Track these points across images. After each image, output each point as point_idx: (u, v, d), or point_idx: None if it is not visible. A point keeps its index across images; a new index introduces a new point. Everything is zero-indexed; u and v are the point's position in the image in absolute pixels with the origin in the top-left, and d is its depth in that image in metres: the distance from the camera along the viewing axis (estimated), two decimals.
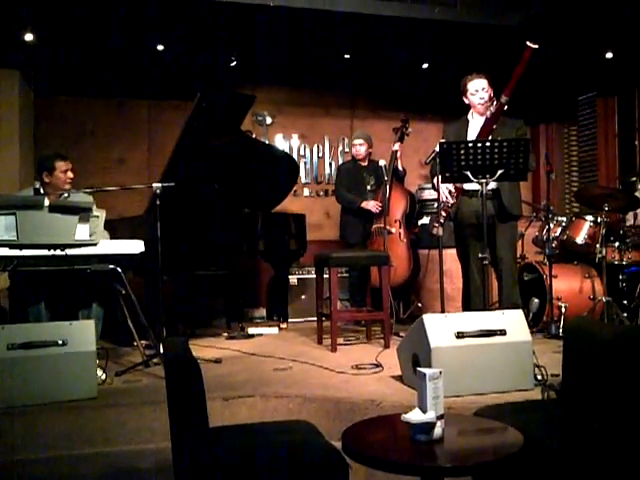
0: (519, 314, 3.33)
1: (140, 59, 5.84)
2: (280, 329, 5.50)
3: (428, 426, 1.88)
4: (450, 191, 4.11)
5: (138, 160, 6.38)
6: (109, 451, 2.89)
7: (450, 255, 4.68)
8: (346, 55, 6.04)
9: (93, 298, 3.85)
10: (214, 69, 6.09)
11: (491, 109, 4.06)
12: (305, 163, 6.89)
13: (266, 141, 6.55)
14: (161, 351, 3.70)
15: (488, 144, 3.52)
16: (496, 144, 3.51)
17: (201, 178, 4.92)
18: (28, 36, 5.13)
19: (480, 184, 3.57)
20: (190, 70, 6.02)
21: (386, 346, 4.39)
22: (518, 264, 4.97)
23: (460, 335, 3.13)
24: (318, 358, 4.10)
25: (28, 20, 4.97)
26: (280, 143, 6.80)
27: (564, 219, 5.19)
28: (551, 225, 5.06)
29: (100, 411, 3.01)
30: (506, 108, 3.99)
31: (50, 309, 3.77)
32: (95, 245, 3.45)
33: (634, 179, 5.48)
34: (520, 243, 5.21)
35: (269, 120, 6.80)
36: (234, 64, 5.99)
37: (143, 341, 4.00)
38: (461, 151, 3.51)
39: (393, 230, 5.53)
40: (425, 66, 6.29)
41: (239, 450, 2.07)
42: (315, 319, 4.86)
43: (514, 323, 3.25)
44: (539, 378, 3.23)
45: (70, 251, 3.36)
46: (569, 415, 2.37)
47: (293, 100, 6.85)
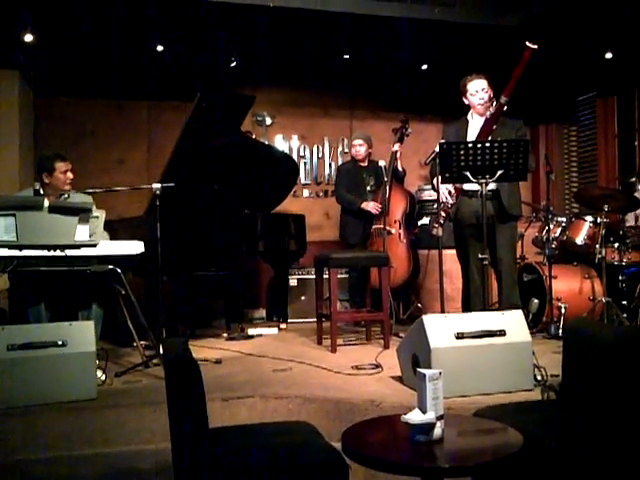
0: (519, 315, 3.33)
1: (140, 60, 5.84)
2: (280, 330, 5.50)
3: (428, 427, 1.88)
4: (450, 192, 4.11)
5: (138, 161, 6.39)
6: (109, 452, 2.89)
7: (450, 256, 4.68)
8: (345, 56, 6.04)
9: (93, 299, 3.85)
10: (214, 70, 6.09)
11: (491, 110, 4.06)
12: (305, 164, 6.89)
13: (266, 142, 6.55)
14: (161, 352, 3.70)
15: (488, 145, 3.52)
16: (496, 145, 3.51)
17: (201, 179, 4.91)
18: (28, 36, 5.13)
19: (480, 184, 3.57)
20: (190, 71, 6.02)
21: (386, 347, 4.38)
22: (518, 265, 4.97)
23: (460, 336, 3.13)
24: (318, 359, 4.10)
25: (28, 20, 4.97)
26: (280, 144, 6.80)
27: (564, 220, 5.19)
28: (551, 226, 5.06)
29: (100, 412, 3.01)
30: (506, 109, 3.99)
31: (50, 310, 3.77)
32: (95, 246, 3.44)
33: (634, 179, 5.47)
34: (520, 244, 5.21)
35: (269, 121, 6.80)
36: (234, 65, 5.99)
37: (143, 342, 4.00)
38: (461, 152, 3.51)
39: (393, 231, 5.53)
40: (425, 67, 6.30)
41: (239, 451, 2.07)
42: (315, 320, 4.86)
43: (514, 324, 3.25)
44: (539, 378, 3.24)
45: (70, 252, 3.36)
46: (569, 415, 2.37)
47: (293, 101, 6.85)
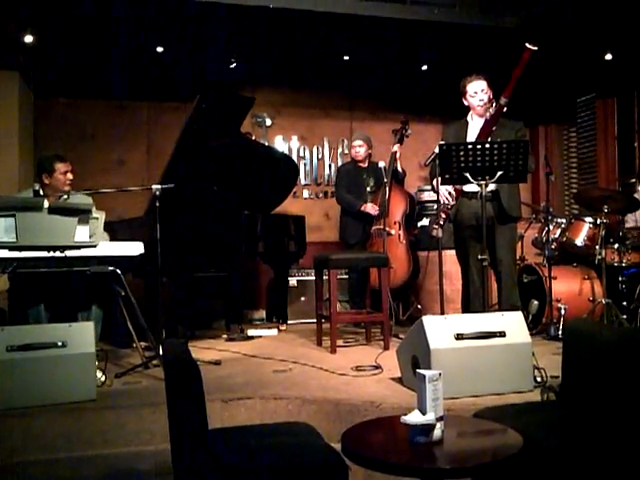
0: (518, 316, 3.33)
1: (140, 61, 5.84)
2: (279, 331, 5.50)
3: (427, 428, 1.88)
4: (450, 193, 4.11)
5: (138, 162, 6.39)
6: (108, 453, 2.89)
7: (450, 257, 4.68)
8: (345, 57, 6.05)
9: (92, 300, 3.86)
10: (214, 71, 6.09)
11: (490, 111, 4.06)
12: (305, 165, 6.90)
13: (266, 143, 6.55)
14: (160, 353, 3.69)
15: (487, 146, 3.52)
16: (495, 146, 3.51)
17: (200, 180, 4.92)
18: (28, 38, 5.14)
19: (479, 186, 3.57)
20: (190, 72, 6.03)
21: (385, 348, 4.38)
22: (517, 266, 4.97)
23: (459, 337, 3.13)
24: (317, 360, 4.10)
25: (28, 22, 4.98)
26: (280, 145, 6.81)
27: (563, 221, 5.18)
28: (550, 227, 5.06)
29: (99, 413, 3.01)
30: (505, 110, 4.00)
31: (49, 311, 3.77)
32: (95, 247, 3.44)
33: (633, 180, 5.48)
34: (519, 245, 5.21)
35: (269, 122, 6.81)
36: (234, 66, 5.99)
37: (142, 343, 4.00)
38: (460, 153, 3.51)
39: (392, 232, 5.53)
40: (424, 68, 6.31)
41: (238, 452, 2.07)
42: (314, 321, 4.86)
43: (513, 325, 3.25)
44: (538, 380, 3.23)
45: (69, 253, 3.36)
46: (568, 417, 2.37)
47: (293, 102, 6.85)
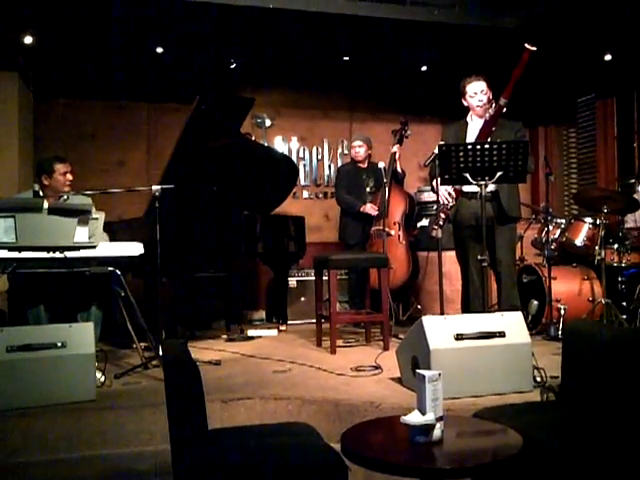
0: (518, 316, 3.33)
1: (140, 62, 5.84)
2: (279, 331, 5.50)
3: (427, 428, 1.88)
4: (449, 193, 4.11)
5: (137, 162, 6.39)
6: (108, 453, 2.89)
7: (449, 257, 4.68)
8: (345, 57, 6.05)
9: (92, 300, 3.85)
10: (214, 71, 6.10)
11: (490, 111, 4.07)
12: (304, 165, 6.90)
13: (265, 143, 6.55)
14: (160, 353, 3.69)
15: (487, 146, 3.52)
16: (495, 146, 3.51)
17: (200, 180, 4.92)
18: (27, 39, 5.14)
19: (479, 186, 3.57)
20: (189, 73, 6.03)
21: (385, 348, 4.38)
22: (517, 266, 4.97)
23: (459, 337, 3.13)
24: (317, 360, 4.10)
25: (28, 22, 4.98)
26: (279, 145, 6.81)
27: (563, 221, 5.19)
28: (550, 227, 5.06)
29: (99, 413, 3.01)
30: (505, 110, 4.00)
31: (49, 311, 3.77)
32: (94, 247, 3.44)
33: (633, 181, 5.48)
34: (519, 245, 5.22)
35: (268, 122, 6.81)
36: (234, 66, 6.00)
37: (142, 343, 4.00)
38: (460, 153, 3.51)
39: (392, 232, 5.52)
40: (424, 68, 6.31)
41: (238, 452, 2.07)
42: (314, 321, 4.86)
43: (513, 325, 3.25)
44: (538, 380, 3.24)
45: (69, 253, 3.36)
46: (568, 417, 2.37)
47: (292, 102, 6.86)
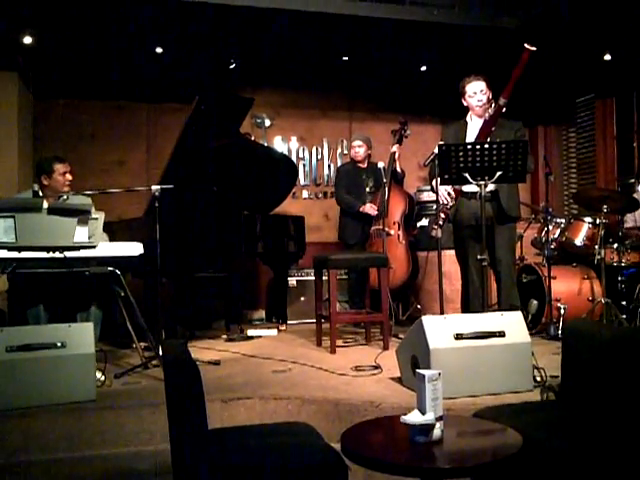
0: (518, 316, 3.33)
1: (139, 62, 5.84)
2: (279, 331, 5.50)
3: (427, 427, 1.88)
4: (449, 193, 4.12)
5: (137, 162, 6.39)
6: (108, 453, 2.89)
7: (449, 257, 4.68)
8: (345, 57, 6.05)
9: (92, 300, 3.85)
10: (213, 72, 6.10)
11: (489, 111, 4.07)
12: (304, 165, 6.90)
13: (265, 143, 6.55)
14: (160, 353, 3.69)
15: (487, 146, 3.52)
16: (494, 146, 3.51)
17: (200, 180, 4.92)
18: (27, 39, 5.14)
19: (479, 186, 3.57)
20: (189, 73, 6.03)
21: (385, 348, 4.38)
22: (517, 266, 4.98)
23: (459, 337, 3.13)
24: (317, 360, 4.10)
25: (27, 22, 4.98)
26: (279, 145, 6.81)
27: (563, 221, 5.19)
28: (550, 227, 5.06)
29: (99, 413, 3.01)
30: (504, 110, 4.00)
31: (49, 311, 3.77)
32: (94, 247, 3.44)
33: (632, 180, 5.48)
34: (519, 245, 5.22)
35: (268, 122, 6.81)
36: (233, 66, 6.00)
37: (142, 343, 4.00)
38: (460, 153, 3.51)
39: (392, 232, 5.53)
40: (423, 68, 6.31)
41: (238, 452, 2.07)
42: (314, 321, 4.86)
43: (513, 325, 3.25)
44: (538, 379, 3.23)
45: (69, 253, 3.36)
46: (568, 416, 2.37)
47: (292, 102, 6.86)
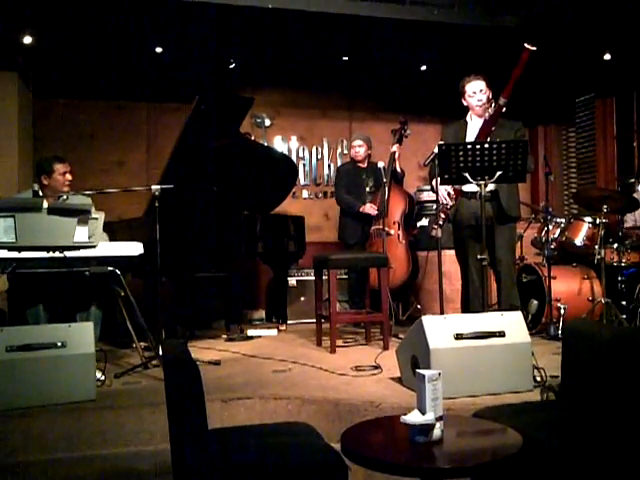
0: (518, 315, 3.33)
1: (139, 61, 5.84)
2: (279, 331, 5.50)
3: (427, 427, 1.88)
4: (449, 193, 4.12)
5: (137, 162, 6.39)
6: (108, 453, 2.89)
7: (449, 257, 4.68)
8: (345, 57, 6.05)
9: (92, 300, 3.85)
10: (213, 71, 6.10)
11: (489, 111, 4.07)
12: (304, 165, 6.90)
13: (265, 143, 6.55)
14: (160, 353, 3.69)
15: (487, 146, 3.52)
16: (494, 146, 3.51)
17: (200, 180, 4.92)
18: (27, 39, 5.14)
19: (479, 186, 3.57)
20: (189, 72, 6.03)
21: (385, 348, 4.38)
22: (517, 265, 4.98)
23: (459, 336, 3.13)
24: (317, 360, 4.09)
25: (28, 22, 4.98)
26: (279, 145, 6.81)
27: (563, 220, 5.18)
28: (550, 227, 5.06)
29: (99, 413, 3.01)
30: (504, 110, 4.00)
31: (48, 311, 3.77)
32: (94, 247, 3.44)
33: (632, 180, 5.48)
34: (519, 244, 5.21)
35: (268, 122, 6.81)
36: (233, 66, 6.00)
37: (142, 343, 4.00)
38: (460, 153, 3.51)
39: (392, 232, 5.53)
40: (424, 68, 6.31)
41: (238, 452, 2.07)
42: (314, 321, 4.86)
43: (513, 324, 3.25)
44: (538, 379, 3.23)
45: (69, 253, 3.36)
46: (568, 416, 2.37)
47: (292, 102, 6.86)
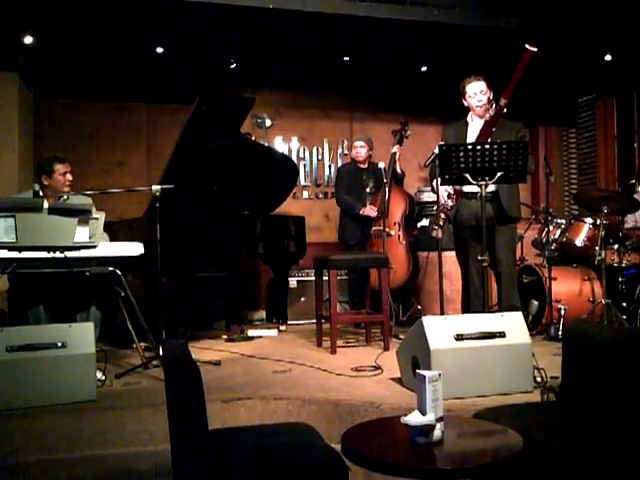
0: (518, 316, 3.33)
1: (140, 62, 5.85)
2: (279, 331, 5.50)
3: (427, 428, 1.88)
4: (449, 193, 4.12)
5: (137, 163, 6.39)
6: (108, 453, 2.89)
7: (449, 257, 4.68)
8: (345, 57, 6.05)
9: (92, 300, 3.85)
10: (213, 71, 6.10)
11: (490, 112, 4.07)
12: (304, 165, 6.89)
13: (265, 143, 6.55)
14: (160, 353, 3.69)
15: (487, 146, 3.52)
16: (495, 146, 3.51)
17: (200, 180, 4.92)
18: (27, 39, 5.14)
19: (479, 186, 3.57)
20: (189, 73, 6.03)
21: (385, 348, 4.38)
22: (517, 266, 4.97)
23: (459, 337, 3.13)
24: (317, 360, 4.09)
25: (28, 22, 4.98)
26: (280, 146, 6.81)
27: (563, 221, 5.18)
28: (550, 227, 5.06)
29: (99, 413, 3.01)
30: (505, 111, 4.00)
31: (49, 311, 3.77)
32: (94, 247, 3.44)
33: (633, 181, 5.48)
34: (519, 245, 5.21)
35: (269, 123, 6.80)
36: (233, 66, 6.00)
37: (142, 343, 4.00)
38: (460, 153, 3.51)
39: (392, 232, 5.52)
40: (424, 68, 6.31)
41: (238, 452, 2.07)
42: (314, 321, 4.85)
43: (513, 325, 3.25)
44: (538, 380, 3.24)
45: (69, 253, 3.36)
46: (569, 417, 2.37)
47: (293, 102, 6.85)
